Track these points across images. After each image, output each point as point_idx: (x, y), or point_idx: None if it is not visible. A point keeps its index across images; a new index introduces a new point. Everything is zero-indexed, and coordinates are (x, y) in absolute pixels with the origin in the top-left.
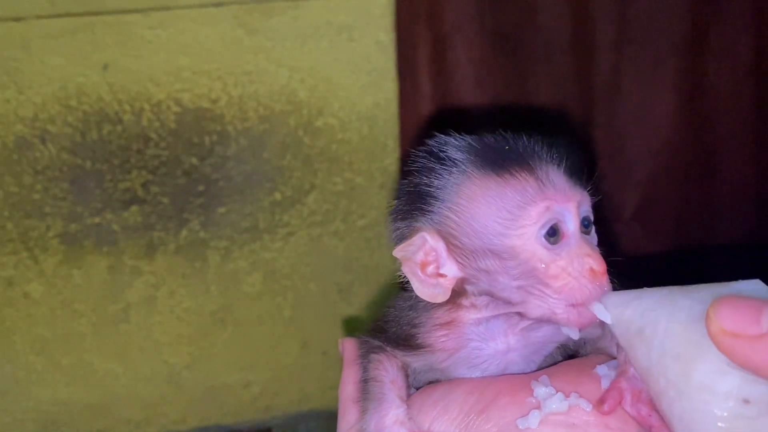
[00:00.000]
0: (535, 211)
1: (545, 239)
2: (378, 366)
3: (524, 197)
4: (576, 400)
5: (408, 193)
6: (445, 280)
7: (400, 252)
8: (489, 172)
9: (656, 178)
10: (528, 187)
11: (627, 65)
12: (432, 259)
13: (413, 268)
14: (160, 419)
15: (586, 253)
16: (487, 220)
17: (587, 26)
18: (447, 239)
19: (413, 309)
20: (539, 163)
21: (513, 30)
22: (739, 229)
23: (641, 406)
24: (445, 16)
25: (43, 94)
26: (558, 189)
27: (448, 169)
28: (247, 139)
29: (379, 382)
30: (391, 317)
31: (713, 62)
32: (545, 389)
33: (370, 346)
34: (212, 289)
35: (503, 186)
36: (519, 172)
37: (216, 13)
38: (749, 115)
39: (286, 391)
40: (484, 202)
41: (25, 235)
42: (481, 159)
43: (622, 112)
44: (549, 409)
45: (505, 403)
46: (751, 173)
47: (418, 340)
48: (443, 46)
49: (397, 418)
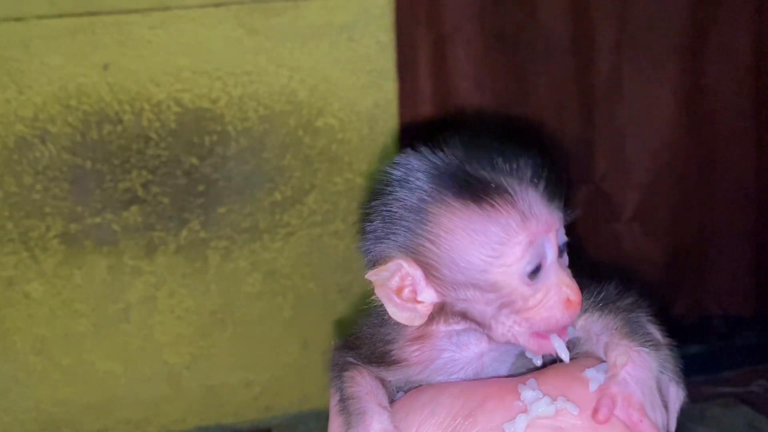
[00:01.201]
0: (519, 248)
1: (527, 276)
2: (352, 383)
3: (507, 232)
4: (563, 404)
5: (382, 217)
6: (422, 306)
7: (374, 276)
8: (469, 203)
9: (656, 178)
10: (511, 220)
11: (627, 66)
12: (408, 284)
13: (388, 293)
14: (160, 419)
15: (564, 283)
16: (470, 255)
17: (587, 27)
18: (425, 267)
19: (384, 326)
20: (519, 188)
21: (513, 30)
22: (739, 229)
23: (632, 411)
24: (445, 16)
25: (43, 94)
26: (540, 219)
27: (425, 195)
28: (247, 139)
29: (357, 398)
30: (363, 335)
31: (713, 63)
32: (532, 393)
33: (342, 364)
34: (212, 289)
35: (485, 220)
36: (500, 203)
37: (216, 13)
38: (749, 115)
39: (286, 391)
40: (466, 236)
41: (26, 235)
42: (459, 185)
43: (622, 112)
44: (536, 413)
45: (493, 407)
46: (750, 173)
47: (392, 356)
48: (443, 46)
49: (380, 428)
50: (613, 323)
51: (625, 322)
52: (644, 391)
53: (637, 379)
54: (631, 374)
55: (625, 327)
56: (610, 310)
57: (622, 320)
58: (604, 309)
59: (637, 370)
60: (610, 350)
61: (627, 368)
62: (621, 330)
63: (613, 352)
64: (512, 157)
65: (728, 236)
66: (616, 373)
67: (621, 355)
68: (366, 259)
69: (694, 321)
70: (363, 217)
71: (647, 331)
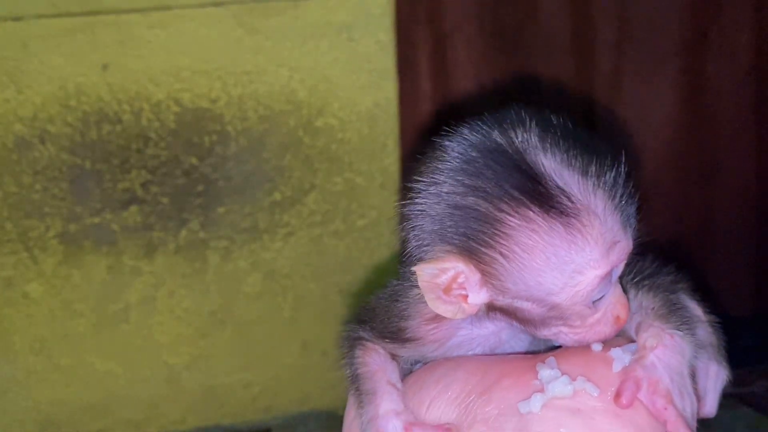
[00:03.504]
0: (597, 280)
1: (592, 300)
2: (363, 359)
3: (588, 264)
4: (582, 384)
5: (440, 211)
6: (469, 306)
7: (426, 273)
8: (554, 224)
9: (656, 177)
10: (595, 252)
11: (627, 65)
12: (459, 285)
13: (434, 289)
14: (160, 419)
15: (620, 303)
16: (542, 277)
17: (587, 26)
18: (485, 273)
19: (401, 301)
20: (606, 213)
21: (513, 30)
22: (740, 229)
23: (657, 398)
24: (445, 16)
25: (42, 94)
26: (620, 251)
27: (503, 204)
28: (246, 139)
29: (368, 376)
30: (377, 309)
31: (713, 62)
32: (550, 372)
33: (354, 339)
34: (212, 289)
35: (568, 246)
36: (587, 230)
37: (216, 12)
38: (749, 114)
39: (286, 391)
40: (544, 258)
41: (25, 235)
42: (543, 198)
43: (623, 112)
44: (552, 393)
45: (508, 385)
46: (751, 173)
47: (407, 334)
48: (443, 46)
49: (389, 407)
50: (649, 302)
51: (662, 302)
52: (673, 377)
53: (666, 364)
54: (661, 358)
55: (662, 308)
56: (648, 287)
57: (660, 300)
58: (640, 286)
59: (667, 354)
60: (641, 331)
61: (656, 351)
62: (656, 311)
63: (645, 334)
64: (600, 164)
65: (729, 236)
66: (645, 355)
67: (652, 336)
68: (416, 247)
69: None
70: (408, 206)
71: (685, 313)
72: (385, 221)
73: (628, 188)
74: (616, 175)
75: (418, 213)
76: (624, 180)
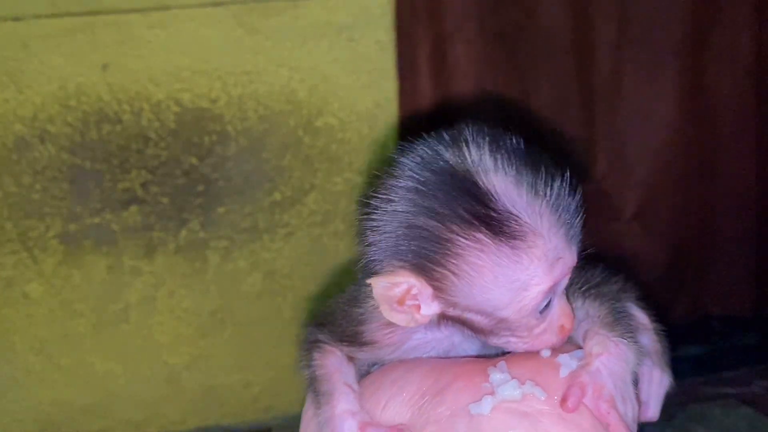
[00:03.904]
0: (541, 295)
1: (538, 312)
2: (320, 362)
3: (532, 280)
4: (531, 389)
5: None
6: (422, 316)
7: (378, 285)
8: (501, 246)
9: (656, 177)
10: (539, 269)
11: (627, 65)
12: (412, 297)
13: (389, 300)
14: (160, 419)
15: (565, 313)
16: (490, 293)
17: (587, 26)
18: (436, 288)
19: (358, 306)
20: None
21: (513, 30)
22: (740, 229)
23: (601, 403)
24: (445, 16)
25: (42, 94)
26: (564, 265)
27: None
28: (246, 139)
29: (325, 378)
30: (336, 313)
31: (714, 62)
32: (500, 375)
33: (310, 342)
34: (212, 289)
35: (514, 265)
36: (531, 248)
37: (216, 12)
38: (750, 114)
39: (286, 391)
40: (491, 277)
41: (25, 235)
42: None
43: (623, 112)
44: (502, 396)
45: (461, 387)
46: (751, 173)
47: (363, 337)
48: (443, 46)
49: (345, 408)
50: (595, 311)
51: (608, 311)
52: (616, 383)
53: (610, 371)
54: (605, 365)
55: (608, 316)
56: (594, 296)
57: (606, 309)
58: (587, 295)
59: (612, 361)
60: (588, 339)
61: (602, 358)
62: (603, 319)
63: (591, 341)
64: (547, 183)
65: (729, 236)
66: (590, 362)
67: (597, 344)
68: (368, 261)
69: (695, 321)
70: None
71: (630, 321)
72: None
73: (574, 204)
74: (562, 194)
75: (374, 228)
76: (570, 197)
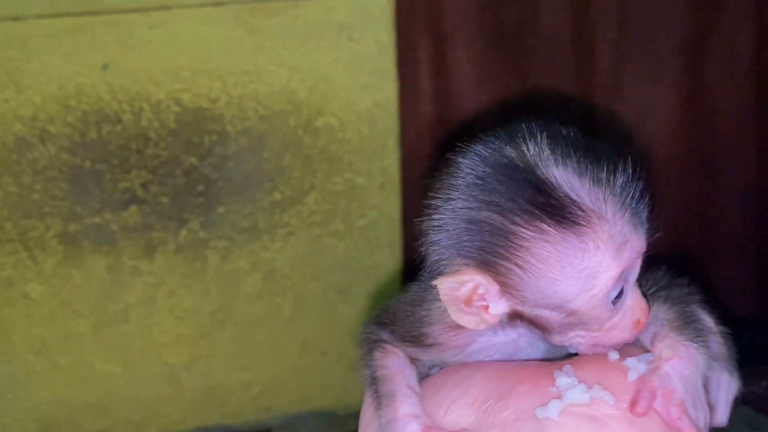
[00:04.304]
0: (611, 282)
1: (611, 303)
2: (382, 362)
3: (601, 266)
4: (599, 393)
5: (456, 227)
6: (491, 316)
7: (446, 286)
8: (566, 234)
9: (656, 177)
10: (607, 254)
11: (628, 64)
12: (479, 295)
13: (456, 301)
14: (160, 419)
15: (639, 306)
16: (558, 285)
17: (588, 26)
18: (503, 284)
19: (423, 306)
20: (615, 214)
21: (513, 29)
22: (740, 229)
23: (671, 408)
24: (445, 16)
25: (42, 94)
26: (632, 249)
27: (516, 217)
28: (246, 139)
29: (387, 379)
30: (398, 312)
31: (714, 62)
32: (567, 379)
33: (372, 342)
34: (212, 289)
35: (581, 253)
36: (597, 234)
37: (216, 12)
38: (750, 114)
39: (286, 391)
40: (559, 267)
41: (24, 235)
42: (554, 209)
43: (623, 112)
44: (569, 400)
45: (526, 390)
46: (751, 173)
47: (429, 339)
48: (443, 46)
49: (408, 411)
50: (664, 314)
51: (678, 314)
52: (687, 388)
53: (681, 375)
54: (676, 369)
55: (678, 320)
56: (664, 299)
57: (675, 312)
58: (656, 297)
59: (682, 365)
60: (657, 342)
61: (672, 362)
62: (672, 322)
63: (660, 344)
64: (608, 169)
65: (729, 236)
66: (660, 366)
67: (667, 347)
68: (432, 263)
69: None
70: (427, 221)
71: (699, 325)
72: (385, 221)
73: (637, 189)
74: (624, 178)
75: (436, 229)
76: (632, 182)
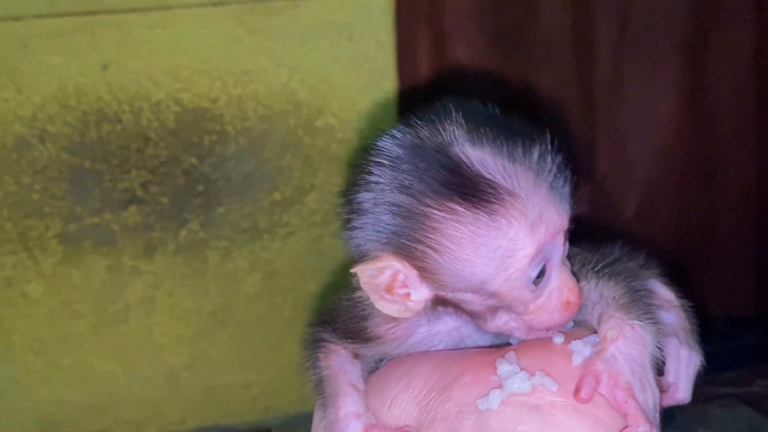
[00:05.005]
0: (527, 260)
1: (532, 283)
2: (325, 361)
3: (516, 244)
4: (541, 380)
5: (372, 213)
6: (413, 303)
7: (363, 272)
8: (478, 213)
9: (657, 177)
10: (520, 232)
11: (628, 64)
12: (399, 282)
13: (377, 289)
14: (160, 420)
15: (566, 285)
16: (474, 266)
17: (588, 25)
18: (421, 269)
19: (360, 302)
20: (529, 191)
21: (513, 29)
22: (740, 228)
23: (617, 391)
24: (445, 16)
25: (42, 94)
26: (549, 225)
27: (427, 199)
28: (246, 138)
29: (330, 379)
30: (338, 310)
31: (714, 62)
32: (509, 367)
33: (315, 342)
34: (212, 289)
35: (494, 232)
36: (510, 211)
37: (216, 12)
38: (750, 114)
39: (286, 391)
40: (472, 248)
41: (24, 235)
42: (465, 188)
43: (623, 112)
44: (510, 389)
45: (468, 381)
46: (752, 173)
47: (368, 333)
48: (443, 46)
49: (350, 410)
50: (610, 291)
51: (624, 290)
52: (634, 369)
53: (627, 356)
54: (621, 350)
55: (624, 297)
56: (609, 275)
57: (622, 289)
58: (601, 274)
59: (628, 346)
60: (602, 322)
61: (617, 343)
62: (618, 300)
63: (605, 325)
64: (521, 144)
65: (729, 235)
66: (605, 347)
67: (612, 328)
68: (352, 250)
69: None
70: (346, 207)
71: (648, 301)
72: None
73: (555, 165)
74: (543, 154)
75: (353, 215)
76: (550, 157)
